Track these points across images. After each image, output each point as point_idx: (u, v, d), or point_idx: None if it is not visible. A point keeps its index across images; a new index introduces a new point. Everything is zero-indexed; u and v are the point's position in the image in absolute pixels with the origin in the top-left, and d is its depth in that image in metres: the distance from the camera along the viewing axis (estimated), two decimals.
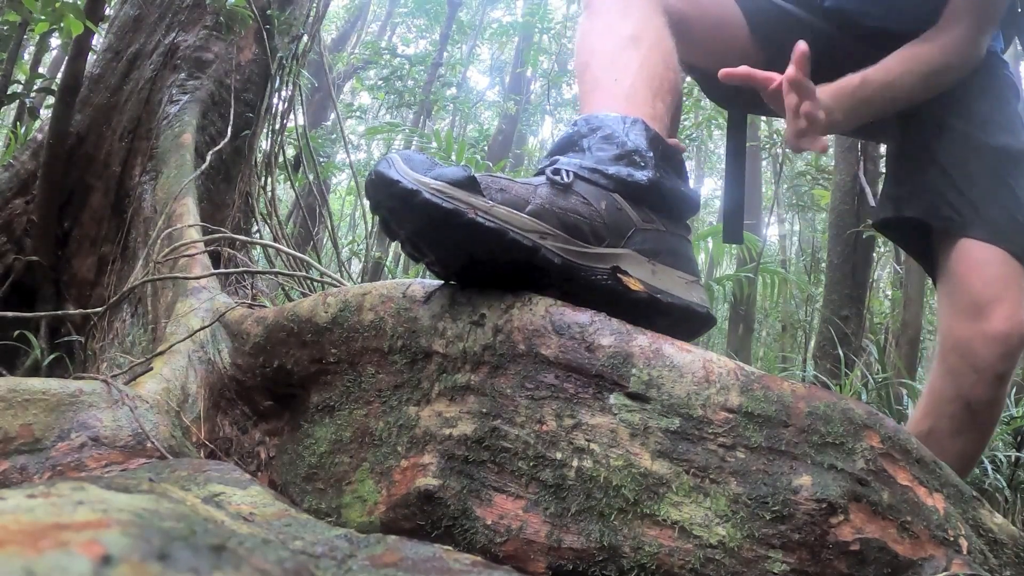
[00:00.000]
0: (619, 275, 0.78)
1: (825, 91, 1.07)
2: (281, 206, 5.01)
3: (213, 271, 1.54)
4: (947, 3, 1.17)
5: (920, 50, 1.16)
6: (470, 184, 0.73)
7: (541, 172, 0.85)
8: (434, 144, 5.02)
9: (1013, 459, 2.46)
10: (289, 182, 3.62)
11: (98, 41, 2.52)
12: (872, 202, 3.52)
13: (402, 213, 0.73)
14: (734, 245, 4.85)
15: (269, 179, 3.01)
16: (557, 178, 0.81)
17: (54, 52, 5.62)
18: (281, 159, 3.23)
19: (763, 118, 6.79)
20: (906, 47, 1.16)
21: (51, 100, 2.53)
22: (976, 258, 1.19)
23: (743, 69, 1.04)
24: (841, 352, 3.31)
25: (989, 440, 1.27)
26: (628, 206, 0.83)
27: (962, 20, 1.16)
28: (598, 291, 0.77)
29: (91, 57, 2.36)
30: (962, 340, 1.17)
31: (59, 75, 2.44)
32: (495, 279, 0.78)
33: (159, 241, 1.84)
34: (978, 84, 1.24)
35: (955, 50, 1.16)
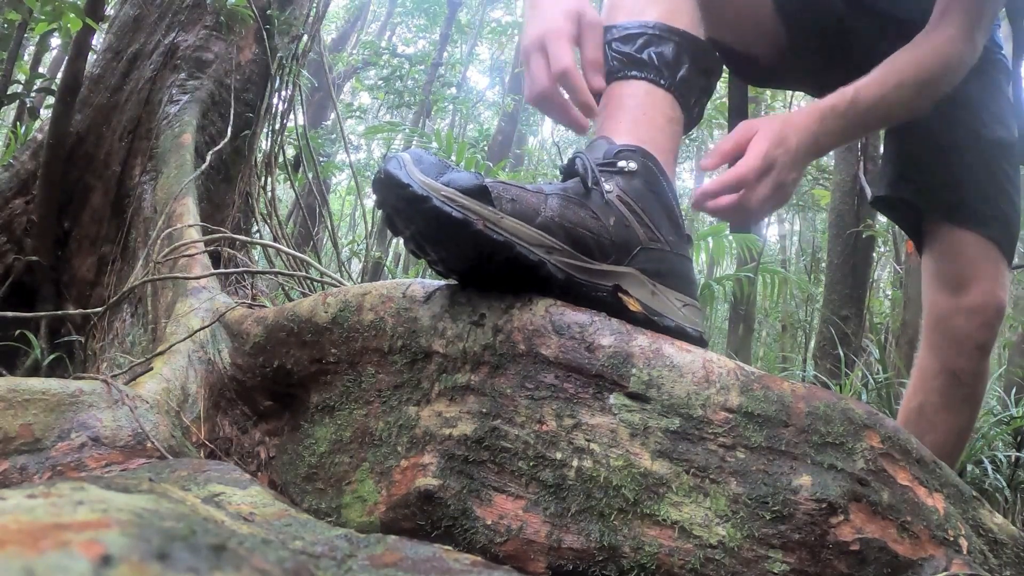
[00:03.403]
0: (619, 294, 0.78)
1: (811, 115, 1.00)
2: (281, 206, 5.01)
3: (213, 271, 1.54)
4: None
5: (913, 56, 1.08)
6: (480, 193, 0.73)
7: (576, 174, 0.85)
8: (434, 144, 5.01)
9: (1013, 459, 2.46)
10: (289, 182, 3.62)
11: (98, 41, 2.52)
12: None
13: (409, 215, 0.73)
14: (734, 244, 4.84)
15: (269, 179, 3.00)
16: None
17: (54, 52, 5.62)
18: (281, 159, 3.23)
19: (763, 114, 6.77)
20: (897, 54, 1.08)
21: (51, 100, 2.53)
22: (960, 241, 1.26)
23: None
24: (841, 352, 3.31)
25: (976, 415, 1.34)
26: (635, 222, 0.83)
27: (955, 18, 1.08)
28: (598, 307, 0.77)
29: (91, 57, 2.36)
30: (943, 314, 1.26)
31: (59, 75, 2.44)
32: (496, 281, 0.78)
33: (159, 241, 1.83)
34: (976, 73, 1.23)
35: (951, 51, 1.09)
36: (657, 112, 0.93)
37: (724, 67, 1.30)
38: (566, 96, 0.91)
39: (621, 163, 0.85)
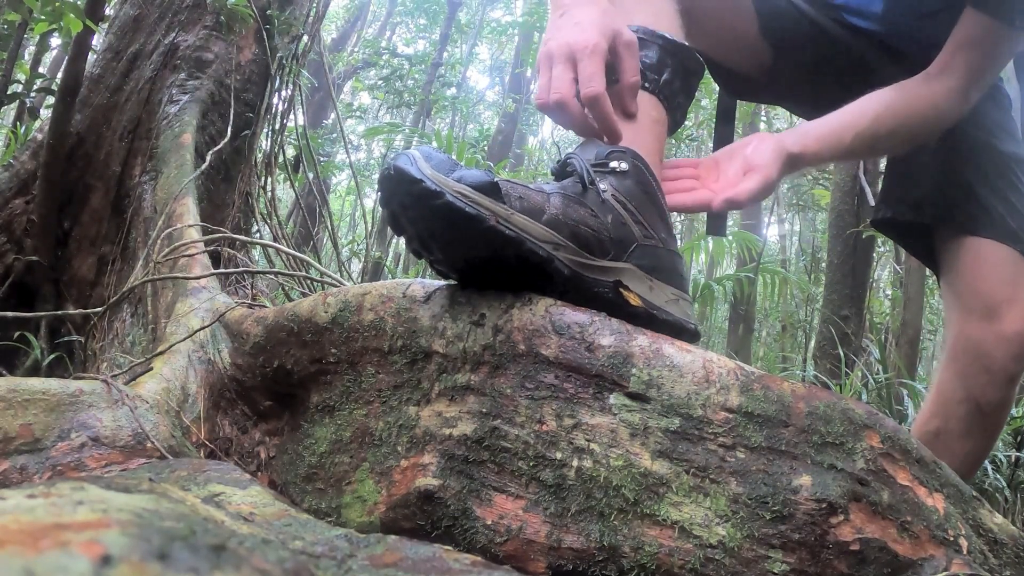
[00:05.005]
0: (620, 289, 0.80)
1: (809, 135, 1.03)
2: (281, 206, 5.01)
3: (213, 271, 1.54)
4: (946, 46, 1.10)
5: (908, 100, 1.08)
6: (492, 190, 0.73)
7: (569, 174, 0.86)
8: (434, 144, 5.02)
9: (1013, 459, 2.46)
10: (289, 182, 3.62)
11: (98, 41, 2.51)
12: (872, 202, 3.53)
13: (418, 212, 0.73)
14: (734, 244, 4.84)
15: (269, 179, 3.00)
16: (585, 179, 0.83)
17: (54, 52, 5.62)
18: (281, 159, 3.23)
19: (763, 118, 6.78)
20: (894, 93, 1.09)
21: (51, 100, 2.53)
22: (986, 258, 1.18)
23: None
24: (841, 352, 3.31)
25: (996, 441, 1.26)
26: (631, 219, 0.85)
27: (956, 73, 1.08)
28: (599, 303, 0.78)
29: (91, 57, 2.36)
30: (974, 341, 1.17)
31: (59, 75, 2.44)
32: (498, 280, 0.78)
33: (159, 241, 1.83)
34: (987, 93, 1.23)
35: (945, 104, 1.09)
36: (643, 114, 0.95)
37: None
38: (584, 110, 0.88)
39: (613, 163, 0.87)
